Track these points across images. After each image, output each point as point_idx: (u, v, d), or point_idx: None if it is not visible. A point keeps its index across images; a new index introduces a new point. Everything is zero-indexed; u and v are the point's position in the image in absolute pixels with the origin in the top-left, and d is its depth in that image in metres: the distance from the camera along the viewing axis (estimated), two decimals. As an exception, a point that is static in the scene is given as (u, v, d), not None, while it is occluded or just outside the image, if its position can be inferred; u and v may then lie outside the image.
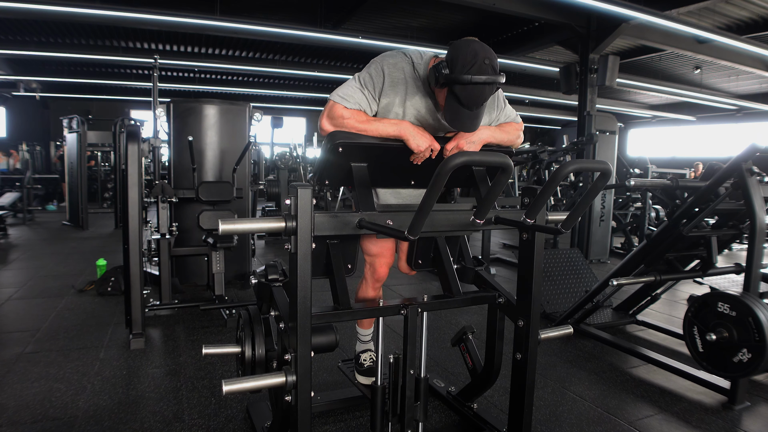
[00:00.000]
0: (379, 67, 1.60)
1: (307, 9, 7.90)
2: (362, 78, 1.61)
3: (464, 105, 1.44)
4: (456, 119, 1.48)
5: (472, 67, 1.38)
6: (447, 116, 1.50)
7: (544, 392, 2.51)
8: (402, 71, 1.60)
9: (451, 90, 1.44)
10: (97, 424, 2.09)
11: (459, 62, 1.39)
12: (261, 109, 4.58)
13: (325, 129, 1.60)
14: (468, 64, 1.38)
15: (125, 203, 2.99)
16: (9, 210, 8.03)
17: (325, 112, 1.60)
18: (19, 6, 6.12)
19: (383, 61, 1.61)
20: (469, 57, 1.39)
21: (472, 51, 1.40)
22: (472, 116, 1.48)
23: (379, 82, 1.59)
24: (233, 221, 1.30)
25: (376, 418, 1.70)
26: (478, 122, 1.51)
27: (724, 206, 2.60)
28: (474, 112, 1.47)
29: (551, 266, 3.85)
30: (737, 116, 14.80)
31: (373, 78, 1.59)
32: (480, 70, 1.38)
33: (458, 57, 1.40)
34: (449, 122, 1.51)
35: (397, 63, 1.60)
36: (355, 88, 1.59)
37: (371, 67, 1.62)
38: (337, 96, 1.58)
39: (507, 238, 7.52)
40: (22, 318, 3.49)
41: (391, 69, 1.59)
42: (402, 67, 1.60)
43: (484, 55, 1.40)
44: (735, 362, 2.25)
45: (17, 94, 12.94)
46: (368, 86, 1.59)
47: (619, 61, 6.91)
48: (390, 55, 1.64)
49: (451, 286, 1.85)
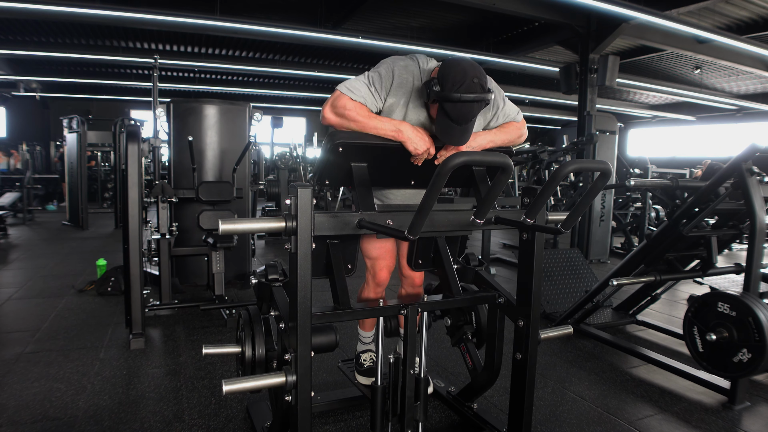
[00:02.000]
0: (389, 68, 1.63)
1: (307, 9, 7.90)
2: (372, 76, 1.63)
3: (454, 121, 1.49)
4: (446, 133, 1.54)
5: (461, 86, 1.43)
6: (438, 130, 1.55)
7: (544, 392, 2.51)
8: (411, 75, 1.64)
9: (442, 106, 1.48)
10: (97, 424, 2.09)
11: (449, 81, 1.45)
12: (261, 109, 4.58)
13: (327, 117, 1.62)
14: (457, 83, 1.43)
15: (125, 203, 2.99)
16: (9, 210, 8.03)
17: (330, 100, 1.62)
18: (19, 6, 6.11)
19: (394, 63, 1.64)
20: (459, 76, 1.44)
21: (461, 70, 1.45)
22: (462, 131, 1.52)
23: (388, 83, 1.62)
24: (233, 221, 1.30)
25: (376, 418, 1.70)
26: (467, 136, 1.56)
27: (724, 206, 2.60)
28: (463, 127, 1.52)
29: (551, 266, 3.85)
30: (737, 116, 14.80)
31: (382, 78, 1.62)
32: (469, 88, 1.43)
33: (449, 75, 1.45)
34: (440, 136, 1.56)
35: (408, 66, 1.64)
36: (363, 83, 1.61)
37: (382, 66, 1.65)
38: (345, 87, 1.60)
39: (507, 238, 7.52)
40: (22, 318, 3.49)
41: (401, 71, 1.63)
42: (412, 71, 1.64)
43: (473, 74, 1.45)
44: (735, 362, 2.25)
45: (17, 94, 12.94)
46: (376, 84, 1.62)
47: (619, 61, 6.91)
48: (401, 58, 1.67)
49: (451, 286, 1.85)
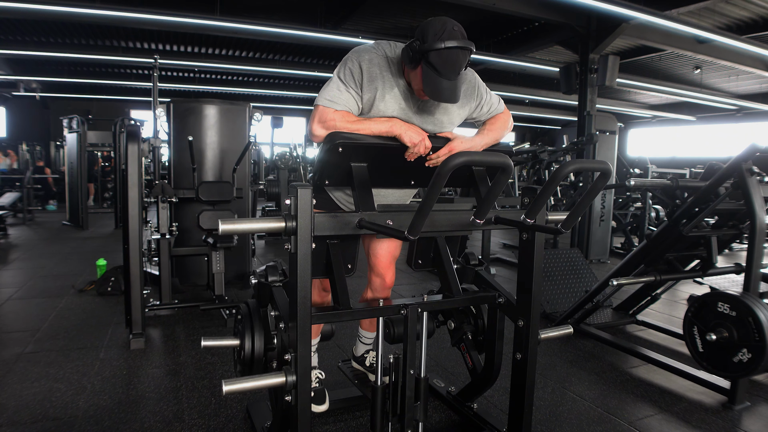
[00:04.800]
0: (356, 63, 1.60)
1: (307, 9, 7.90)
2: (343, 76, 1.61)
3: (442, 74, 1.47)
4: (436, 90, 1.50)
5: (443, 34, 1.44)
6: (426, 89, 1.52)
7: (544, 392, 2.51)
8: (377, 66, 1.61)
9: (427, 61, 1.47)
10: (97, 424, 2.09)
11: (430, 33, 1.46)
12: (261, 109, 4.59)
13: (317, 135, 1.61)
14: (439, 32, 1.45)
15: (125, 203, 2.99)
16: (9, 210, 8.03)
17: (315, 117, 1.60)
18: (19, 6, 6.12)
19: (360, 59, 1.61)
20: (438, 26, 1.46)
21: (440, 21, 1.48)
22: (452, 86, 1.50)
23: (359, 79, 1.60)
24: (233, 221, 1.30)
25: (376, 418, 1.69)
26: (458, 93, 1.54)
27: (724, 206, 2.59)
28: (453, 82, 1.50)
29: (551, 266, 3.85)
30: (737, 116, 14.80)
31: (353, 74, 1.60)
32: (451, 35, 1.45)
33: (428, 29, 1.47)
34: (429, 94, 1.53)
35: (372, 58, 1.61)
36: (340, 90, 1.59)
37: (347, 63, 1.62)
38: (325, 100, 1.59)
39: (507, 238, 7.52)
40: (22, 318, 3.49)
41: (368, 65, 1.60)
42: (377, 62, 1.61)
43: (452, 23, 1.47)
44: (735, 362, 2.25)
45: (17, 94, 12.94)
46: (351, 84, 1.60)
47: (619, 61, 6.91)
48: (364, 50, 1.64)
49: (451, 286, 1.84)
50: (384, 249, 2.03)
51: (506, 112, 1.82)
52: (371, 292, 2.10)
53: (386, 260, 2.04)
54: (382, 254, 2.04)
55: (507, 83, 11.67)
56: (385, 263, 2.04)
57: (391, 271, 2.07)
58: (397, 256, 2.09)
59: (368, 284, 2.12)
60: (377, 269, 2.06)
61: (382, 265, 2.04)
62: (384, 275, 2.05)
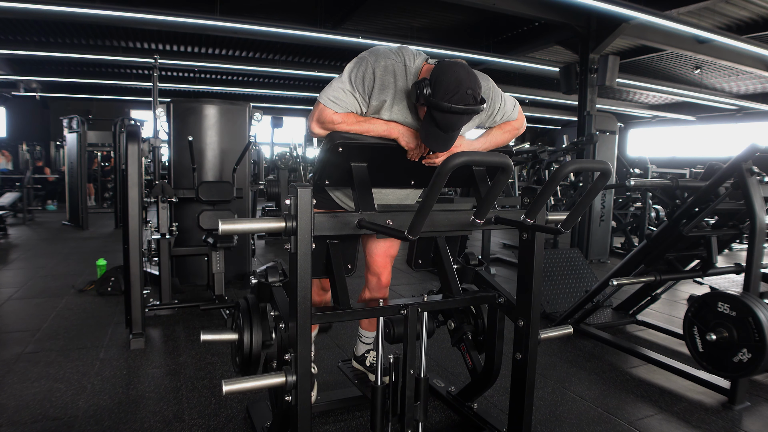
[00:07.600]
0: (370, 68, 1.53)
1: (307, 9, 7.90)
2: (354, 78, 1.54)
3: (441, 128, 1.44)
4: (430, 139, 1.48)
5: (454, 96, 1.37)
6: (422, 134, 1.50)
7: (544, 392, 2.51)
8: (393, 75, 1.55)
9: (430, 112, 1.42)
10: (97, 424, 2.09)
11: (442, 88, 1.38)
12: (261, 109, 4.59)
13: (315, 132, 1.60)
14: (450, 92, 1.37)
15: (125, 203, 2.99)
16: (9, 210, 8.02)
17: (315, 114, 1.57)
18: (19, 6, 6.11)
19: (376, 64, 1.53)
20: (453, 85, 1.37)
21: (456, 79, 1.38)
22: (447, 138, 1.48)
23: (369, 85, 1.54)
24: (233, 221, 1.30)
25: (376, 418, 1.69)
26: (452, 143, 1.51)
27: (724, 206, 2.59)
28: (449, 135, 1.47)
29: (551, 266, 3.85)
30: (737, 116, 14.79)
31: (364, 80, 1.53)
32: (461, 99, 1.37)
33: (442, 82, 1.38)
34: (424, 140, 1.50)
35: (388, 66, 1.54)
36: (345, 91, 1.55)
37: (362, 66, 1.54)
38: (327, 99, 1.55)
39: (507, 238, 7.52)
40: (22, 318, 3.49)
41: (382, 73, 1.53)
42: (393, 70, 1.55)
43: (468, 84, 1.38)
44: (735, 362, 2.25)
45: (17, 94, 12.94)
46: (358, 89, 1.55)
47: (619, 61, 6.91)
48: (383, 54, 1.55)
49: (451, 286, 1.84)
50: (381, 248, 2.03)
51: (520, 119, 1.76)
52: (368, 291, 2.11)
53: (383, 259, 2.05)
54: (379, 253, 2.04)
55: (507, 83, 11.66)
56: (382, 262, 2.05)
57: (388, 270, 2.07)
58: (395, 256, 2.09)
59: (365, 283, 2.12)
60: (374, 268, 2.06)
61: (379, 264, 2.05)
62: (380, 274, 2.06)
